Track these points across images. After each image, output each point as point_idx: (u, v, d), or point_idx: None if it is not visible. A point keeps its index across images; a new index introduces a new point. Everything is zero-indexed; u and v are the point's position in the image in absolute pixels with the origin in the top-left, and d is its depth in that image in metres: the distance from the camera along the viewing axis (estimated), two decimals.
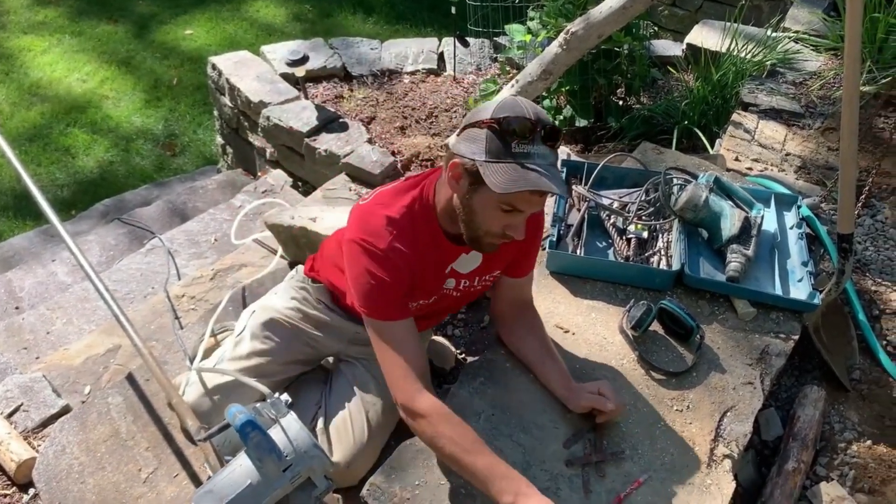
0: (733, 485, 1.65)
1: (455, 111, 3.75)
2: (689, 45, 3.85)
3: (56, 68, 5.75)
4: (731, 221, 2.07)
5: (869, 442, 1.94)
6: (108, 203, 4.23)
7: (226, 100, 3.99)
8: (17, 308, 3.12)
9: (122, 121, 5.23)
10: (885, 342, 2.21)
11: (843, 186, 1.79)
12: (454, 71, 4.08)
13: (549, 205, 2.42)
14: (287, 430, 1.37)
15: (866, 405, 2.05)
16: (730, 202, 2.14)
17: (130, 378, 2.25)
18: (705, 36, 3.81)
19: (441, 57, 4.18)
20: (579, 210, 2.19)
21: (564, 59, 2.94)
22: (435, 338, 2.20)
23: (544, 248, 2.07)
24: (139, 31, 6.32)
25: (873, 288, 2.39)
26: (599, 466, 1.63)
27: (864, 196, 2.35)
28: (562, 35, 2.89)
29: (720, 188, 2.17)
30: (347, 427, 1.79)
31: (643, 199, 2.19)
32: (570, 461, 1.64)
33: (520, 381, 1.80)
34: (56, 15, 6.52)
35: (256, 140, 3.81)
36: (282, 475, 1.33)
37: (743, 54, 3.43)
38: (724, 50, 3.47)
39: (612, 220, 2.17)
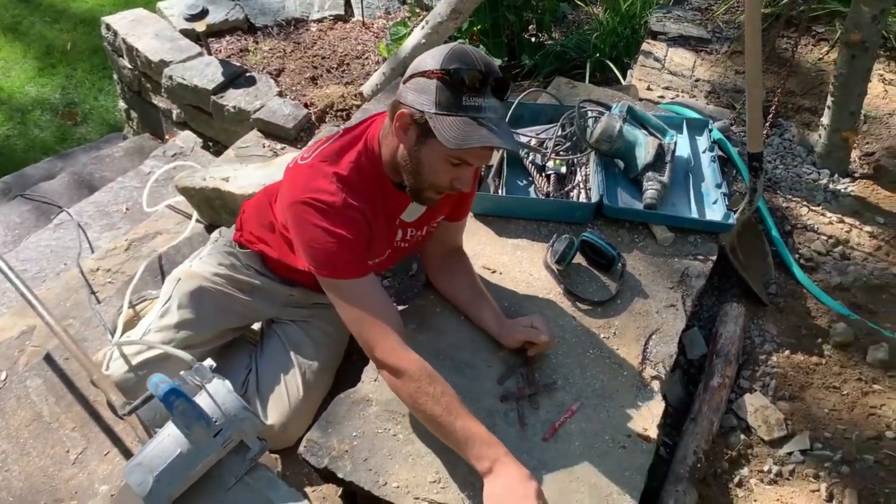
0: (663, 404, 1.70)
1: (367, 58, 3.66)
2: None
3: None
4: (645, 150, 2.10)
5: (787, 352, 2.02)
6: (8, 179, 4.00)
7: (124, 62, 3.79)
8: None
9: (14, 91, 4.93)
10: (797, 255, 2.29)
11: (750, 107, 1.83)
12: (363, 16, 3.97)
13: None
14: (214, 395, 1.33)
15: (783, 317, 2.13)
16: (643, 131, 2.16)
17: (48, 358, 2.16)
18: None
19: (348, 2, 4.06)
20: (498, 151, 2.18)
21: None
22: None
23: None
24: None
25: (784, 205, 2.47)
26: (533, 399, 1.66)
27: (771, 116, 2.41)
28: None
29: (633, 117, 2.19)
30: (281, 389, 1.77)
31: (559, 134, 2.19)
32: (505, 396, 1.66)
33: (451, 324, 1.80)
34: None
35: (161, 102, 3.65)
36: (212, 440, 1.30)
37: None
38: None
39: (530, 158, 2.17)
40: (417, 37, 3.13)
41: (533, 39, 3.56)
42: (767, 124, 2.40)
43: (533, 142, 2.20)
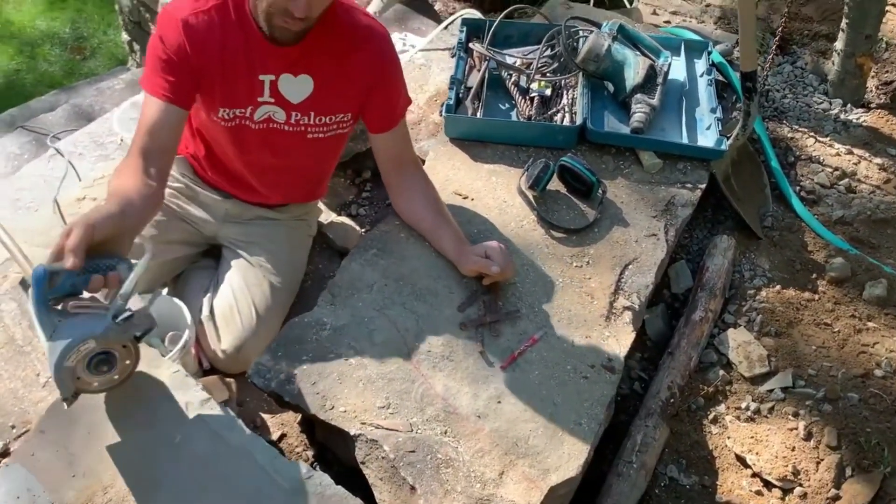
0: (633, 335, 1.62)
1: None
2: None
3: None
4: (634, 70, 1.97)
5: (778, 287, 1.92)
6: (13, 112, 3.96)
7: None
8: None
9: (25, 25, 4.90)
10: (798, 188, 2.16)
11: (742, 19, 1.69)
12: None
13: (448, 66, 2.30)
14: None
15: (777, 251, 2.02)
16: (635, 51, 2.03)
17: (24, 283, 2.14)
18: None
19: None
20: (479, 71, 2.07)
21: None
22: (338, 218, 2.11)
23: (441, 115, 1.97)
24: None
25: (790, 135, 2.33)
26: (494, 327, 1.58)
27: (776, 38, 2.25)
28: None
29: (625, 37, 2.05)
30: (234, 313, 1.72)
31: (546, 54, 2.07)
32: (465, 324, 1.59)
33: (414, 250, 1.72)
34: None
35: None
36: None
37: None
38: None
39: (513, 80, 2.06)
40: None
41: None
42: (774, 47, 2.24)
43: (518, 63, 2.08)
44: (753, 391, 1.72)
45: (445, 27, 2.63)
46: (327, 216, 2.10)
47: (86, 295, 1.25)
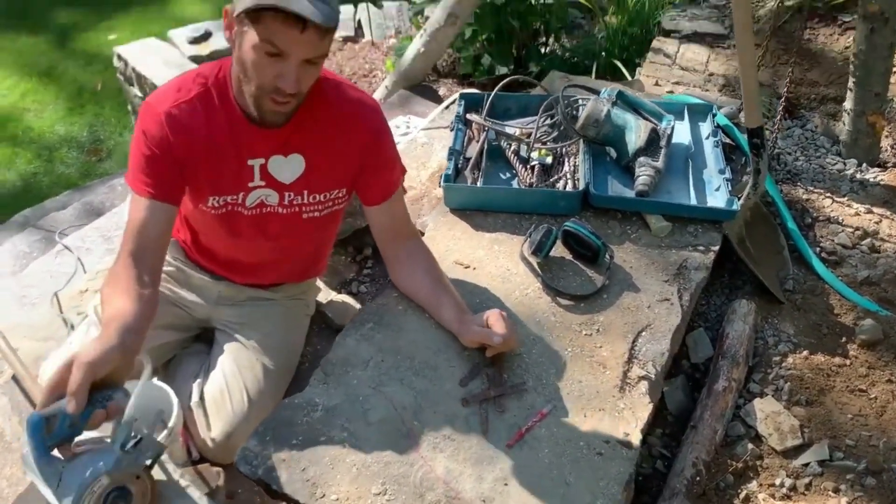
0: (650, 407, 1.49)
1: (374, 76, 3.59)
2: None
3: None
4: (636, 134, 1.91)
5: (805, 353, 1.79)
6: (27, 213, 4.01)
7: (135, 90, 3.81)
8: None
9: (44, 131, 5.02)
10: (818, 249, 2.06)
11: (743, 74, 1.64)
12: (372, 36, 3.91)
13: (446, 139, 2.27)
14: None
15: (802, 315, 1.90)
16: (635, 115, 1.98)
17: (16, 379, 2.07)
18: None
19: (360, 24, 4.01)
20: (478, 142, 2.03)
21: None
22: (337, 297, 2.03)
23: (441, 186, 1.92)
24: (61, 40, 6.09)
25: (805, 197, 2.24)
26: (499, 402, 1.47)
27: (783, 102, 2.20)
28: None
29: (625, 103, 2.01)
30: (225, 398, 1.62)
31: (545, 123, 2.03)
32: (467, 399, 1.48)
33: (412, 322, 1.63)
34: None
35: None
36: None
37: None
38: None
39: (513, 149, 2.01)
40: (416, 45, 3.04)
41: (543, 50, 3.43)
42: (781, 111, 2.20)
43: (517, 132, 2.04)
44: (787, 466, 1.57)
45: (447, 107, 2.62)
46: (327, 294, 2.02)
47: (85, 435, 1.19)
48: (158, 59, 3.66)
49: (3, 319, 2.65)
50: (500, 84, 2.04)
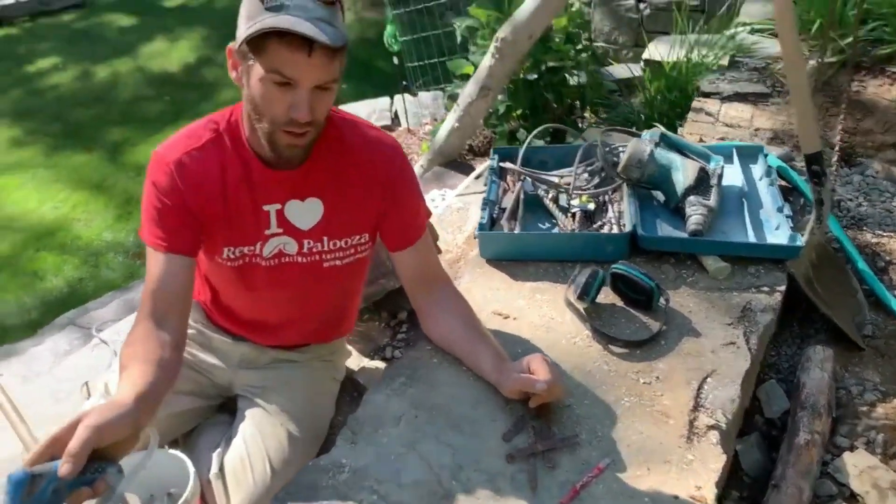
0: (723, 458, 1.30)
1: (411, 159, 3.56)
2: (645, 60, 3.66)
3: (29, 201, 5.70)
4: (683, 173, 1.79)
5: None
6: (70, 315, 4.02)
7: None
8: None
9: (92, 239, 5.10)
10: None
11: (794, 97, 1.52)
12: (408, 124, 3.92)
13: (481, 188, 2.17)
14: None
15: (886, 362, 1.69)
16: (681, 156, 1.86)
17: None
18: (661, 50, 3.63)
19: (396, 115, 4.05)
20: (514, 192, 1.92)
21: (500, 70, 2.76)
22: (370, 363, 1.90)
23: (475, 237, 1.80)
24: (112, 156, 6.32)
25: (874, 241, 2.07)
26: (548, 457, 1.29)
27: (837, 150, 2.07)
28: (492, 45, 2.72)
29: (668, 144, 1.90)
30: (246, 468, 1.46)
31: (584, 170, 1.92)
32: (512, 455, 1.30)
33: (448, 376, 1.48)
34: (31, 154, 6.55)
35: None
36: None
37: (700, 54, 3.23)
38: (681, 56, 3.27)
39: (551, 196, 1.90)
40: (450, 121, 3.01)
41: (580, 123, 3.37)
42: (836, 160, 2.06)
43: (555, 181, 1.93)
44: None
45: (481, 173, 2.55)
46: (359, 361, 1.89)
47: None
48: None
49: (36, 414, 2.57)
50: (535, 131, 1.96)
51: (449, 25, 3.57)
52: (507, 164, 1.96)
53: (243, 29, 1.20)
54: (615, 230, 1.78)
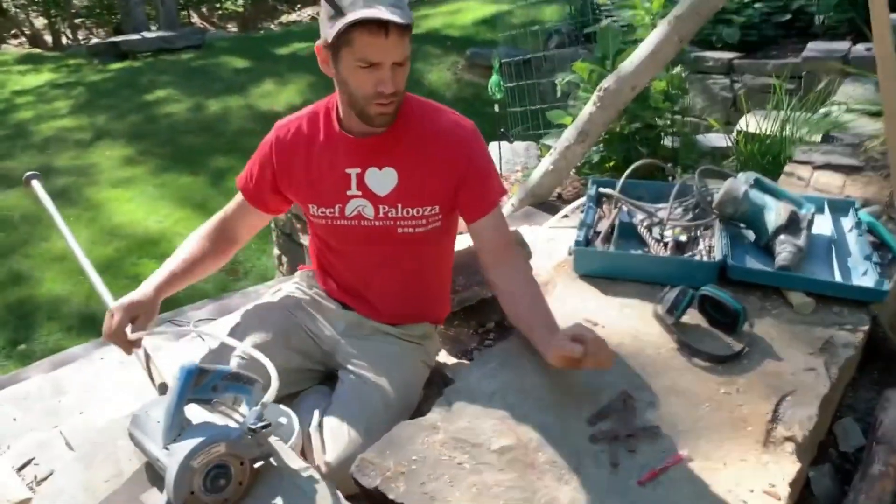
0: (798, 465, 1.36)
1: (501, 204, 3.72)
2: (738, 131, 3.77)
3: (136, 213, 6.13)
4: (776, 213, 1.89)
5: None
6: (164, 316, 4.29)
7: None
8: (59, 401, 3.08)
9: None
10: None
11: (891, 138, 1.62)
12: (501, 169, 4.10)
13: (571, 236, 2.30)
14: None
15: None
16: (774, 199, 1.96)
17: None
18: (755, 122, 3.73)
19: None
20: (609, 219, 2.05)
21: (600, 118, 2.91)
22: (459, 361, 2.02)
23: (570, 253, 1.93)
24: (216, 180, 6.74)
25: None
26: (630, 441, 1.39)
27: None
28: (595, 93, 2.88)
29: (762, 188, 2.00)
30: (343, 426, 1.61)
31: (679, 204, 2.03)
32: (595, 436, 1.40)
33: (536, 367, 1.59)
34: (142, 172, 7.05)
35: (306, 240, 3.85)
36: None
37: (795, 129, 3.33)
38: (775, 129, 3.37)
39: (645, 224, 2.02)
40: (546, 163, 3.17)
41: (670, 178, 3.48)
42: None
43: (645, 219, 2.05)
44: None
45: (575, 209, 2.69)
46: (448, 360, 2.02)
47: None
48: None
49: (128, 394, 2.75)
50: (637, 164, 2.08)
51: (549, 75, 3.78)
52: (607, 190, 2.09)
53: (328, 27, 1.48)
54: (706, 259, 1.88)
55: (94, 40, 13.30)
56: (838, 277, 1.84)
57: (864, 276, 1.82)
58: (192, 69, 10.18)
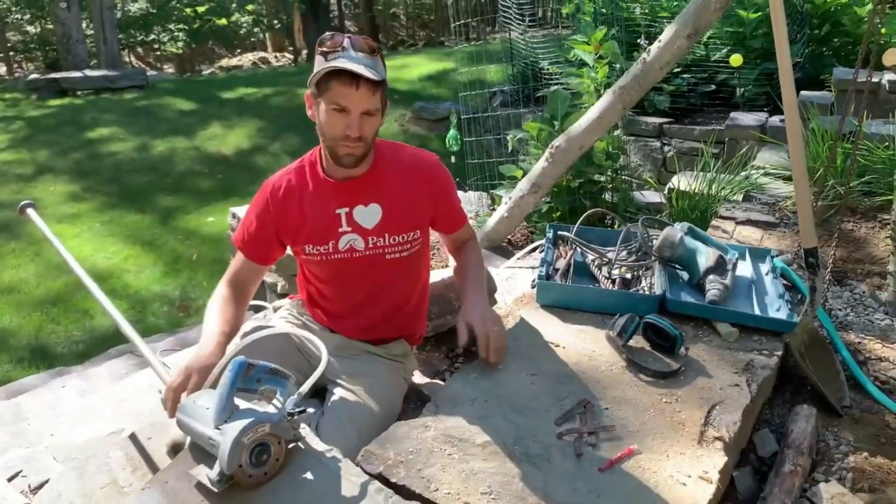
0: (725, 458, 1.66)
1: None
2: (670, 188, 4.18)
3: (84, 249, 6.14)
4: (706, 257, 2.23)
5: (866, 454, 1.93)
6: (120, 348, 4.37)
7: None
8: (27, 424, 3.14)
9: (141, 288, 5.51)
10: (872, 378, 2.25)
11: (799, 200, 1.98)
12: None
13: (527, 276, 2.61)
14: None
15: (860, 427, 2.06)
16: (704, 244, 2.31)
17: (133, 437, 2.29)
18: (684, 182, 4.15)
19: None
20: (565, 258, 2.36)
21: (551, 172, 3.25)
22: (430, 381, 2.27)
23: (532, 286, 2.23)
24: (164, 219, 6.83)
25: (857, 340, 2.47)
26: (590, 438, 1.66)
27: (828, 270, 2.53)
28: (547, 150, 3.23)
29: (694, 236, 2.35)
30: (337, 430, 1.82)
31: (625, 248, 2.36)
32: (562, 433, 1.67)
33: (511, 377, 1.87)
34: (88, 208, 7.08)
35: (269, 276, 4.03)
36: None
37: (719, 188, 3.75)
38: (702, 188, 3.79)
39: (596, 264, 2.33)
40: (501, 211, 3.48)
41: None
42: (828, 276, 2.50)
43: (596, 259, 2.37)
44: None
45: (530, 251, 2.99)
46: (422, 379, 2.26)
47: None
48: None
49: (94, 418, 2.84)
50: (586, 214, 2.42)
51: (494, 131, 4.14)
52: (565, 233, 2.41)
53: (314, 78, 1.75)
54: (648, 293, 2.20)
55: (33, 75, 13.17)
56: (757, 311, 2.18)
57: (778, 311, 2.17)
58: (136, 109, 10.24)
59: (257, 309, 2.85)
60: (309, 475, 1.42)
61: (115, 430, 2.58)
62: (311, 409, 1.64)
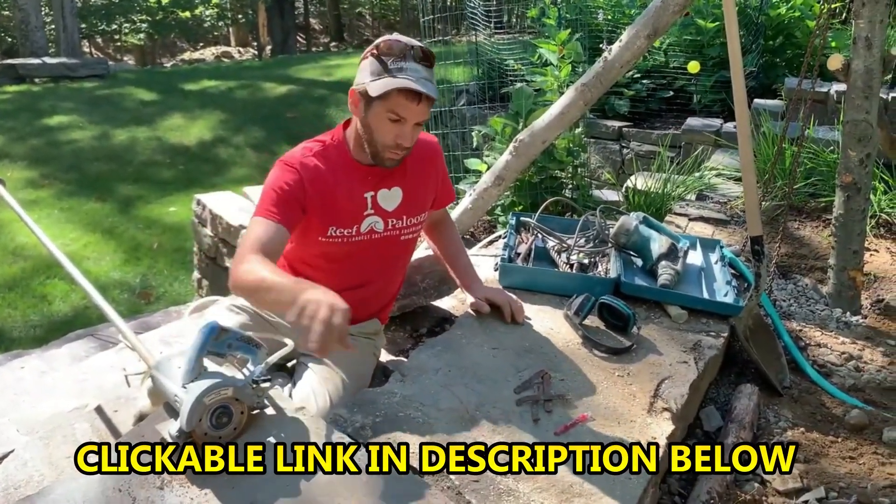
0: (673, 427, 1.77)
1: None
2: (627, 187, 4.33)
3: None
4: (658, 244, 2.35)
5: (802, 429, 2.07)
6: (80, 332, 4.35)
7: (207, 230, 4.30)
8: None
9: (101, 275, 5.48)
10: (811, 362, 2.40)
11: (746, 190, 2.11)
12: None
13: (489, 263, 2.70)
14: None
15: (798, 406, 2.20)
16: (657, 233, 2.43)
17: (99, 409, 2.33)
18: (640, 181, 4.30)
19: None
20: (527, 244, 2.46)
21: (514, 165, 3.34)
22: (396, 358, 2.35)
23: (495, 269, 2.33)
24: (125, 208, 6.78)
25: (798, 328, 2.62)
26: (547, 405, 1.76)
27: (774, 264, 2.68)
28: (511, 144, 3.33)
29: (649, 225, 2.47)
30: (310, 398, 1.89)
31: (583, 236, 2.47)
32: (521, 401, 1.77)
33: (473, 349, 1.96)
34: (47, 195, 7.00)
35: (231, 263, 4.07)
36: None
37: (674, 187, 3.90)
38: (658, 187, 3.94)
39: (556, 249, 2.44)
40: (465, 203, 3.56)
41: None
42: (773, 269, 2.64)
43: (556, 245, 2.48)
44: (789, 503, 1.80)
45: (491, 241, 3.08)
46: (387, 357, 2.34)
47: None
48: (234, 206, 4.20)
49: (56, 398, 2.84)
50: (547, 202, 2.52)
51: (459, 127, 4.24)
52: (527, 220, 2.51)
53: (369, 80, 1.77)
54: (604, 276, 2.31)
55: None
56: (706, 295, 2.31)
57: (726, 296, 2.30)
58: (96, 98, 10.12)
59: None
60: (282, 435, 1.48)
61: (80, 406, 2.61)
62: (279, 380, 1.71)
